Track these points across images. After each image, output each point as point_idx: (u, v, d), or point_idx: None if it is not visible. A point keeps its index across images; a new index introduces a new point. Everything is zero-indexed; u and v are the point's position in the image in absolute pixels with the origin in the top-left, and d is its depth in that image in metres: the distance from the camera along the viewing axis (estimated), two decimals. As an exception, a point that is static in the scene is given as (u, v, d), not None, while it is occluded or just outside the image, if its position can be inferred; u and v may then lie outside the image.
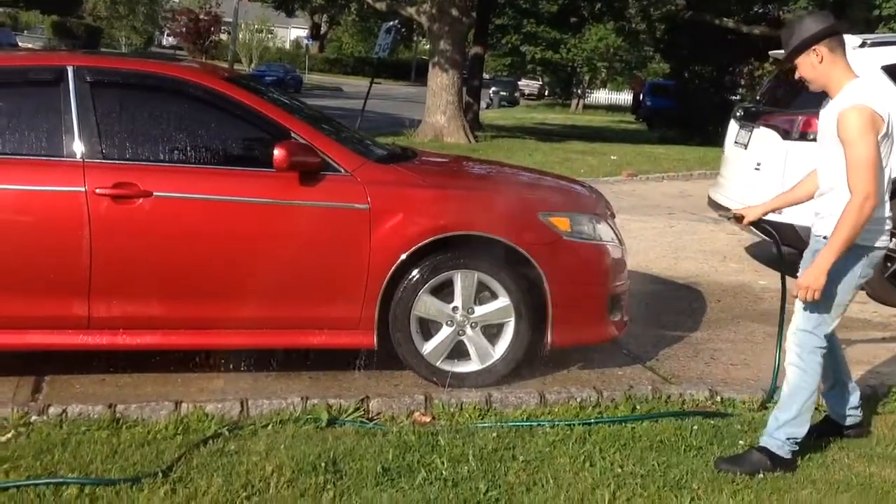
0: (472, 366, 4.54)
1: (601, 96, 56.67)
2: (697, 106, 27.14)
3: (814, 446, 3.90)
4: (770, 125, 7.15)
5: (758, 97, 9.01)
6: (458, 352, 4.54)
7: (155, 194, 4.16)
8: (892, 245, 3.70)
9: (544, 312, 4.52)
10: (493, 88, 48.12)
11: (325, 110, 6.26)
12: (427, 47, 23.25)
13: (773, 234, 4.53)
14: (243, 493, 3.27)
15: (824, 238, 3.58)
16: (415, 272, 4.40)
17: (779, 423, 3.74)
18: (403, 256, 4.34)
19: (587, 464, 3.69)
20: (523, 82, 58.20)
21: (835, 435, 4.06)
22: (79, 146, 4.16)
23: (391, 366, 4.62)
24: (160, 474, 3.35)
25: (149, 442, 3.66)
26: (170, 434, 3.74)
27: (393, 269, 4.34)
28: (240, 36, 52.17)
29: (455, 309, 4.48)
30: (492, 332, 4.56)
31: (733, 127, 8.02)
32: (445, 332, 4.51)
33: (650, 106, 36.19)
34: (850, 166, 3.46)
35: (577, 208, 4.78)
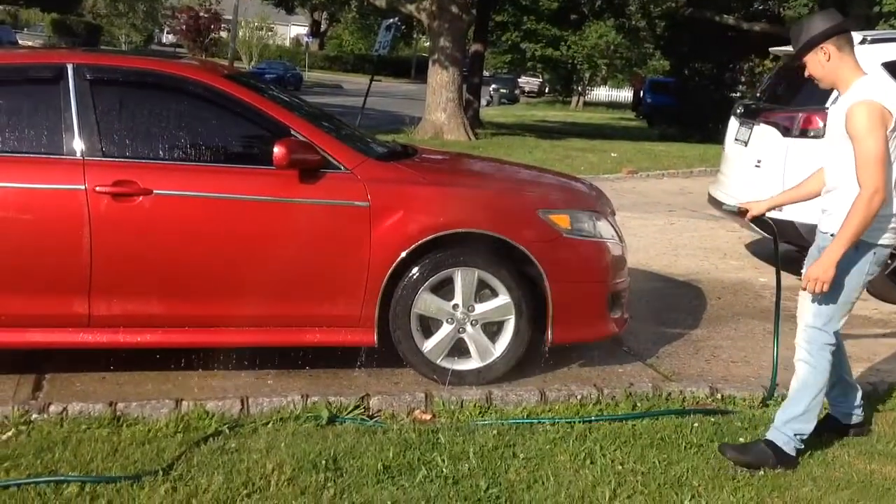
0: (473, 363, 4.55)
1: (601, 93, 56.56)
2: (698, 103, 27.09)
3: (815, 444, 3.90)
4: (770, 122, 7.14)
5: (758, 94, 8.99)
6: (458, 349, 4.54)
7: (155, 192, 4.16)
8: None
9: (545, 310, 4.52)
10: (493, 86, 48.08)
11: (326, 108, 6.24)
12: (427, 44, 23.24)
13: (774, 229, 4.53)
14: (244, 490, 3.27)
15: (831, 235, 3.60)
16: (415, 270, 4.40)
17: (787, 417, 3.76)
18: (404, 254, 4.34)
19: (588, 461, 3.69)
20: (523, 79, 58.14)
21: (836, 433, 4.06)
22: (79, 144, 4.16)
23: (391, 363, 4.62)
24: (161, 472, 3.35)
25: (149, 440, 3.67)
26: (170, 432, 3.74)
27: (393, 266, 4.34)
28: (240, 33, 52.12)
29: (455, 306, 4.48)
30: (492, 330, 4.56)
31: (733, 124, 8.01)
32: (446, 329, 4.51)
33: (650, 103, 36.15)
34: (859, 161, 3.49)
35: (578, 205, 4.78)
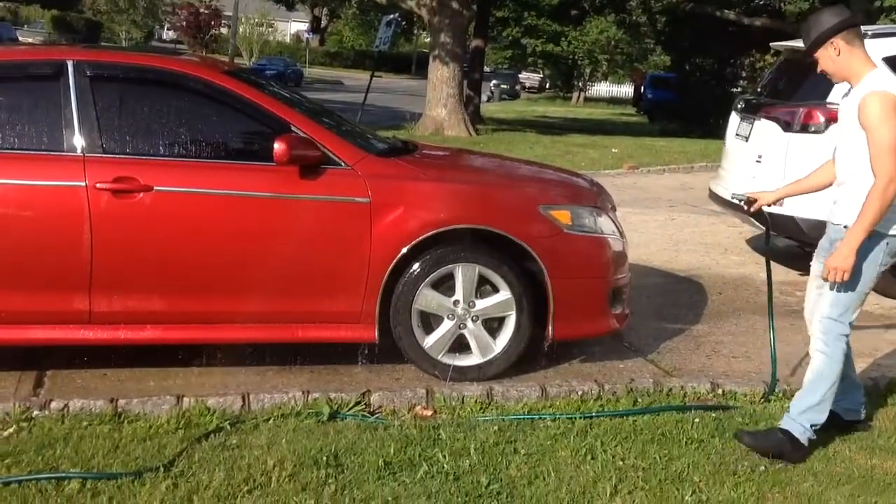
0: (474, 359, 4.54)
1: (602, 89, 56.56)
2: (698, 98, 27.07)
3: (816, 439, 3.89)
4: (771, 117, 7.13)
5: (759, 89, 8.98)
6: (459, 345, 4.54)
7: (155, 188, 4.16)
8: None
9: (545, 306, 4.51)
10: (493, 81, 48.04)
11: (326, 104, 6.24)
12: (427, 40, 23.24)
13: (768, 223, 4.58)
14: (245, 487, 3.28)
15: (844, 227, 3.63)
16: (416, 266, 4.40)
17: (803, 407, 3.78)
18: (404, 250, 4.34)
19: (589, 457, 3.69)
20: (524, 75, 58.13)
21: (838, 428, 4.06)
22: (79, 140, 4.16)
23: (392, 360, 4.62)
24: (162, 468, 3.36)
25: (150, 436, 3.67)
26: (171, 428, 3.74)
27: (394, 262, 4.34)
28: (240, 30, 52.07)
29: (456, 302, 4.48)
30: (493, 326, 4.55)
31: (734, 119, 8.00)
32: (446, 325, 4.50)
33: (651, 98, 36.17)
34: (873, 151, 3.53)
35: (578, 201, 4.77)
